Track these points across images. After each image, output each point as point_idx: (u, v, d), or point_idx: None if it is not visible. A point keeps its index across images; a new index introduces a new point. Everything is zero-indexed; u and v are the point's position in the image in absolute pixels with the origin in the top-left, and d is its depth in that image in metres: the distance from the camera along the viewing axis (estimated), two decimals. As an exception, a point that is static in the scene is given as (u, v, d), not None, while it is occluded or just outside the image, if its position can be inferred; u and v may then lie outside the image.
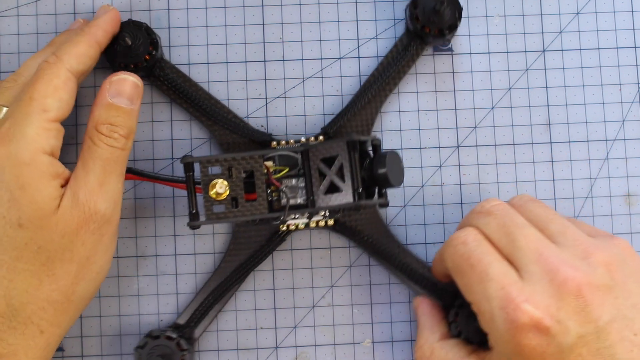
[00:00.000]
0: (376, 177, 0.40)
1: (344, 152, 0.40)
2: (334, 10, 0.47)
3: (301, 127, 0.46)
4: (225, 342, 0.46)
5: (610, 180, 0.47)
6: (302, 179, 0.42)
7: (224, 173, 0.41)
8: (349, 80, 0.47)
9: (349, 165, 0.40)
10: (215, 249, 0.46)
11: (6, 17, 0.46)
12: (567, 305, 0.36)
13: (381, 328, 0.46)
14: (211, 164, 0.41)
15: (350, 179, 0.40)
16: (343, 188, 0.40)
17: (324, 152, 0.41)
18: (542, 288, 0.37)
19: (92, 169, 0.39)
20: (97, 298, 0.45)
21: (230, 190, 0.40)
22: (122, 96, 0.40)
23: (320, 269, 0.46)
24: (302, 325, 0.46)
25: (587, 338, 0.36)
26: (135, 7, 0.47)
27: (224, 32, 0.47)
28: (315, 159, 0.41)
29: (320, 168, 0.41)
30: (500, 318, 0.37)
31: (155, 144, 0.46)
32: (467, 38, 0.47)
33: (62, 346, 0.45)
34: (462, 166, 0.47)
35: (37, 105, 0.38)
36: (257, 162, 0.41)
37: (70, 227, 0.38)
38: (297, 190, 0.42)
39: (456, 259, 0.39)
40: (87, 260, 0.39)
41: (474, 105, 0.47)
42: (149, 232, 0.46)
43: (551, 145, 0.47)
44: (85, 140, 0.40)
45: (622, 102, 0.48)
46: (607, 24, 0.48)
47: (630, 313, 0.37)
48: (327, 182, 0.41)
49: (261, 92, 0.47)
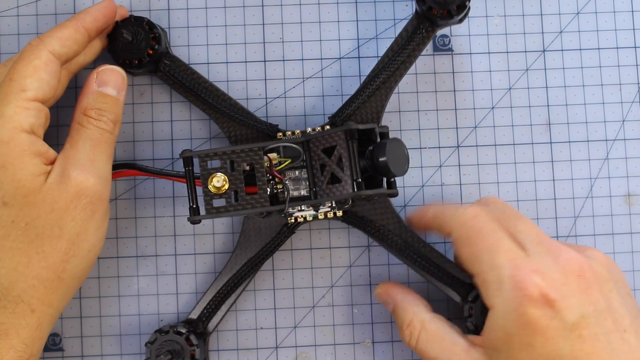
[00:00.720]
0: (377, 165, 0.40)
1: (343, 141, 0.40)
2: (334, 10, 0.47)
3: (301, 127, 0.46)
4: (226, 342, 0.46)
5: (610, 180, 0.47)
6: (305, 171, 0.42)
7: (223, 167, 0.40)
8: (349, 80, 0.47)
9: (347, 155, 0.40)
10: (216, 249, 0.46)
11: (6, 17, 0.46)
12: (571, 282, 0.37)
13: (381, 328, 0.46)
14: (210, 158, 0.40)
15: (349, 169, 0.40)
16: (343, 178, 0.40)
17: (324, 143, 0.41)
18: (548, 264, 0.38)
19: (82, 148, 0.39)
20: (97, 298, 0.45)
21: (230, 183, 0.40)
22: (109, 85, 0.41)
23: (320, 269, 0.46)
24: (302, 325, 0.46)
25: (588, 320, 0.37)
26: (135, 7, 0.47)
27: (224, 32, 0.47)
28: (317, 149, 0.41)
29: (321, 159, 0.41)
30: (508, 286, 0.37)
31: (156, 143, 0.46)
32: (467, 38, 0.47)
33: (62, 346, 0.45)
34: (462, 166, 0.47)
35: (16, 85, 0.38)
36: (257, 155, 0.41)
37: (58, 203, 0.38)
38: (301, 181, 0.42)
39: (465, 229, 0.40)
40: (78, 237, 0.39)
41: (474, 105, 0.47)
42: (149, 232, 0.46)
43: (551, 145, 0.47)
44: (73, 125, 0.40)
45: (622, 102, 0.48)
46: (607, 24, 0.48)
47: (620, 309, 0.38)
48: (328, 173, 0.40)
49: (261, 92, 0.47)
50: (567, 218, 0.47)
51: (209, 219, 0.45)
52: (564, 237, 0.47)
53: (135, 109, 0.46)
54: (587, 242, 0.47)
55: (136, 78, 0.46)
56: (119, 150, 0.46)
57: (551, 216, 0.47)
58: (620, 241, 0.47)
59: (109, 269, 0.45)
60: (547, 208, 0.47)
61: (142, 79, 0.46)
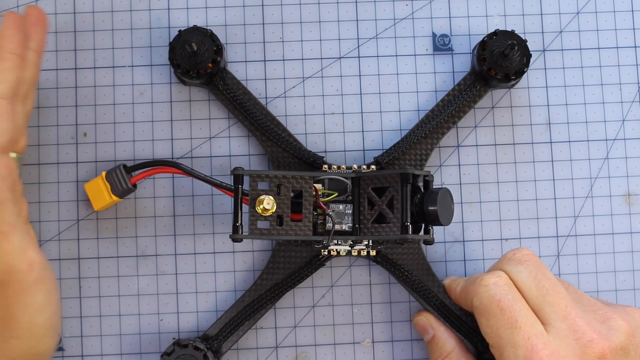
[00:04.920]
0: (426, 213, 0.40)
1: (397, 183, 0.40)
2: (334, 10, 0.47)
3: (301, 126, 0.46)
4: (226, 342, 0.46)
5: (610, 180, 0.47)
6: (349, 206, 0.42)
7: (272, 189, 0.40)
8: (349, 80, 0.47)
9: (400, 198, 0.40)
10: (216, 249, 0.46)
11: (6, 16, 0.46)
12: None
13: (381, 328, 0.46)
14: (261, 179, 0.40)
15: (400, 212, 0.40)
16: (391, 220, 0.40)
17: (376, 182, 0.41)
18: (568, 345, 0.38)
19: None
20: (97, 298, 0.45)
21: (277, 207, 0.40)
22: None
23: (321, 269, 0.46)
24: (302, 325, 0.46)
25: None
26: (135, 7, 0.47)
27: (224, 32, 0.47)
28: (366, 187, 0.41)
29: (370, 197, 0.41)
30: None
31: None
32: (467, 38, 0.47)
33: (62, 346, 0.45)
34: (462, 166, 0.47)
35: None
36: (307, 183, 0.41)
37: None
38: (344, 216, 0.42)
39: (485, 300, 0.39)
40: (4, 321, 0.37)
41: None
42: (149, 232, 0.46)
43: (551, 145, 0.47)
44: None
45: (622, 102, 0.48)
46: (607, 24, 0.48)
47: None
48: (375, 211, 0.41)
49: (261, 92, 0.47)
50: (567, 218, 0.47)
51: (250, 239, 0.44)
52: (564, 237, 0.47)
53: (135, 109, 0.46)
54: (587, 242, 0.47)
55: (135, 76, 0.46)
56: (119, 149, 0.46)
57: (551, 216, 0.47)
58: (620, 241, 0.47)
59: (109, 268, 0.45)
60: (547, 208, 0.47)
61: (142, 79, 0.46)
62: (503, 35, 0.44)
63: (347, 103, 0.47)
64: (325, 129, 0.47)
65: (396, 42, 0.47)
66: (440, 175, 0.47)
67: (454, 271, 0.46)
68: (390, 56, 0.47)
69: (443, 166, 0.47)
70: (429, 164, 0.47)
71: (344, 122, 0.47)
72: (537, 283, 0.39)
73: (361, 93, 0.47)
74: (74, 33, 0.46)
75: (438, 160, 0.47)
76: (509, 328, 0.38)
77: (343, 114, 0.47)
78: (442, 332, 0.43)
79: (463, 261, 0.46)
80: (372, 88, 0.47)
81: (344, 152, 0.46)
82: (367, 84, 0.47)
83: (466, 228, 0.47)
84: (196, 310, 0.46)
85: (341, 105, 0.47)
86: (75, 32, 0.46)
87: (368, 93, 0.47)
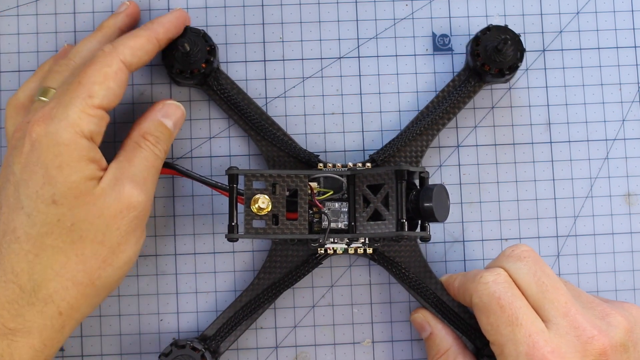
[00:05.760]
0: (421, 210, 0.40)
1: (392, 181, 0.40)
2: (334, 10, 0.47)
3: (301, 126, 0.46)
4: (225, 342, 0.46)
5: (610, 180, 0.47)
6: (345, 204, 0.42)
7: (267, 189, 0.41)
8: (348, 80, 0.47)
9: (395, 195, 0.40)
10: (215, 249, 0.46)
11: (6, 17, 0.46)
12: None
13: (381, 328, 0.46)
14: (256, 179, 0.41)
15: (395, 209, 0.40)
16: (386, 217, 0.40)
17: (371, 179, 0.41)
18: (569, 342, 0.38)
19: (137, 165, 0.40)
20: (97, 298, 0.45)
21: (272, 206, 0.40)
22: (171, 119, 0.42)
23: (320, 269, 0.46)
24: (302, 325, 0.46)
25: None
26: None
27: (224, 32, 0.47)
28: (362, 184, 0.41)
29: (365, 194, 0.41)
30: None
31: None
32: (467, 38, 0.47)
33: (62, 346, 0.45)
34: (462, 166, 0.47)
35: (84, 90, 0.39)
36: (302, 182, 0.41)
37: (109, 210, 0.39)
38: (339, 214, 0.42)
39: (485, 298, 0.39)
40: (118, 247, 0.39)
41: (474, 105, 0.47)
42: (148, 232, 0.46)
43: (551, 145, 0.47)
44: (130, 143, 0.41)
45: (622, 102, 0.48)
46: (607, 24, 0.48)
47: None
48: (371, 209, 0.41)
49: (261, 92, 0.47)
50: (567, 218, 0.47)
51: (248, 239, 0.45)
52: (564, 237, 0.47)
53: (135, 109, 0.46)
54: (587, 242, 0.47)
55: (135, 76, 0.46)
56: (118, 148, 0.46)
57: (551, 216, 0.47)
58: (620, 241, 0.47)
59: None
60: (547, 208, 0.47)
61: (142, 79, 0.46)
62: (496, 30, 0.44)
63: (347, 103, 0.47)
64: (325, 129, 0.47)
65: (396, 42, 0.47)
66: (440, 175, 0.47)
67: (454, 271, 0.46)
68: (390, 56, 0.47)
69: (443, 166, 0.47)
70: (429, 164, 0.47)
71: (343, 122, 0.47)
72: (536, 280, 0.39)
73: (361, 93, 0.47)
74: (74, 33, 0.46)
75: (438, 160, 0.47)
76: (510, 325, 0.38)
77: (343, 114, 0.47)
78: (440, 329, 0.43)
79: (463, 261, 0.46)
80: (372, 88, 0.47)
81: (343, 152, 0.46)
82: (367, 84, 0.47)
83: (466, 228, 0.47)
84: (196, 310, 0.46)
85: (341, 105, 0.47)
86: (75, 32, 0.46)
87: (368, 93, 0.47)
